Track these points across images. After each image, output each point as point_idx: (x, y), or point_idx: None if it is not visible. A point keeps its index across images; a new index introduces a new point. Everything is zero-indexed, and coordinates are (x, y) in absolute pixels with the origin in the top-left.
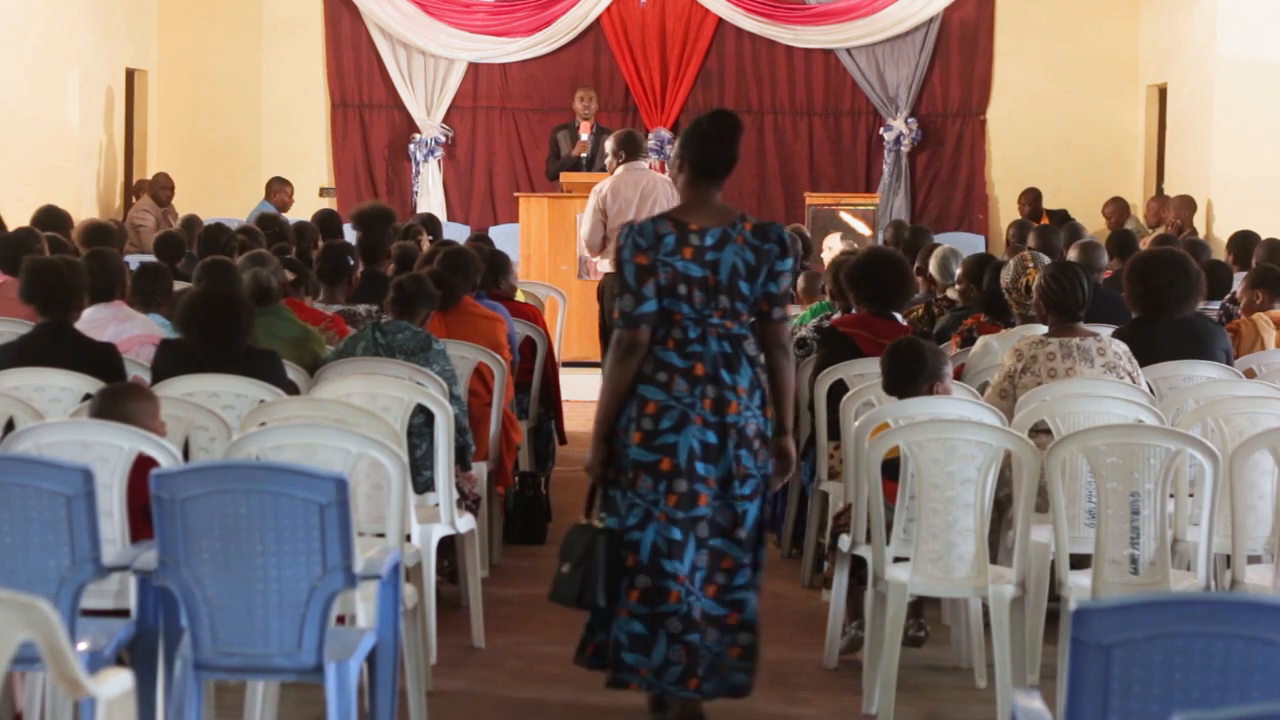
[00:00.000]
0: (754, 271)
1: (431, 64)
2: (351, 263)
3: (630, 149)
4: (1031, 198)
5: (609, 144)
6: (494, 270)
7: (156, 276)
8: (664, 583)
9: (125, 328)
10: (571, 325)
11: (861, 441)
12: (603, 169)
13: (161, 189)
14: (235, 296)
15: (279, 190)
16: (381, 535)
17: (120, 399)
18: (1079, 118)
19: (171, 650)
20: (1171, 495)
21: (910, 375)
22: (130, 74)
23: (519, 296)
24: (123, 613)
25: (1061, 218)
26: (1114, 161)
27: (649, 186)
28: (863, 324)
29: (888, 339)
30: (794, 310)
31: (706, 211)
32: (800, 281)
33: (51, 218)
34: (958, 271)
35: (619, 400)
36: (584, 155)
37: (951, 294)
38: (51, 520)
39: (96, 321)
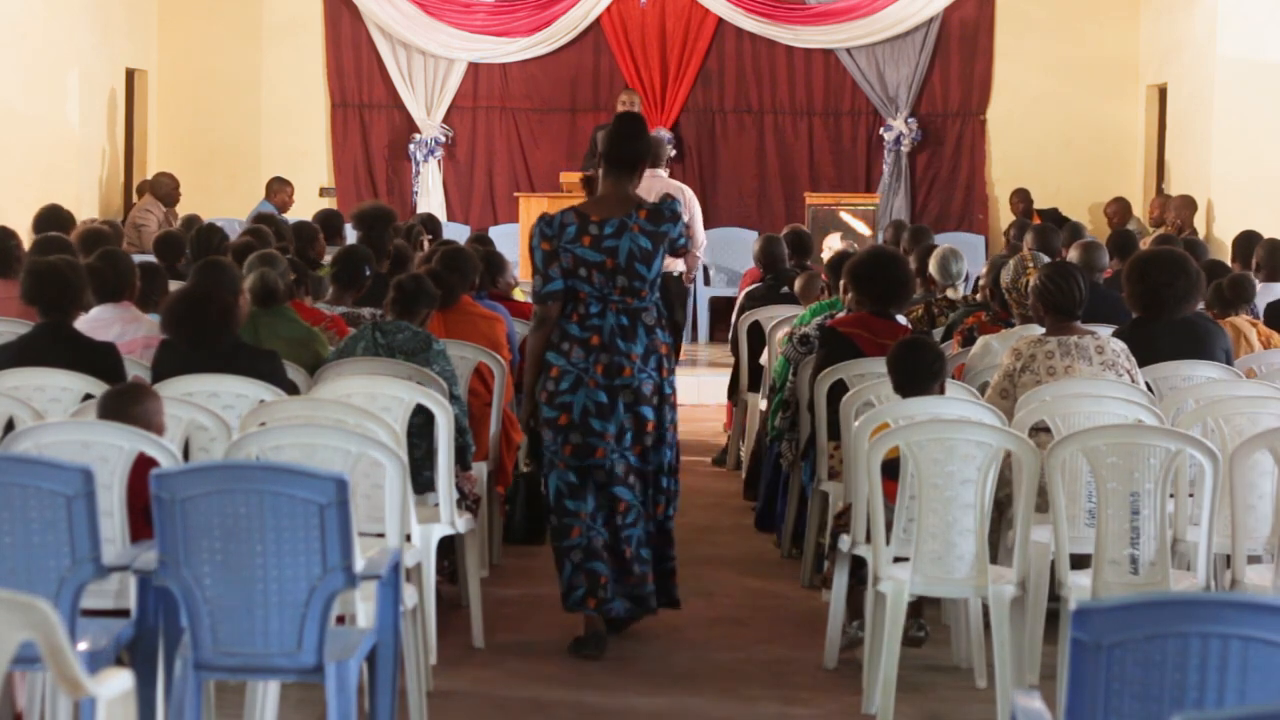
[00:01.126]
0: (650, 255)
1: (431, 64)
2: (368, 271)
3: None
4: (1023, 197)
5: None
6: (491, 270)
7: (153, 277)
8: (566, 520)
9: (131, 329)
10: None
11: (861, 441)
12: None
13: (172, 189)
14: (210, 295)
15: (279, 190)
16: (381, 535)
17: (127, 399)
18: (1079, 118)
19: (171, 650)
20: (1171, 495)
21: (933, 373)
22: (130, 74)
23: (518, 296)
24: (123, 613)
25: (1052, 216)
26: (1114, 161)
27: (660, 192)
28: (862, 324)
29: (887, 339)
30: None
31: (612, 203)
32: (799, 282)
33: (55, 218)
34: (981, 272)
35: (535, 363)
36: None
37: (952, 294)
38: (51, 520)
39: (103, 321)
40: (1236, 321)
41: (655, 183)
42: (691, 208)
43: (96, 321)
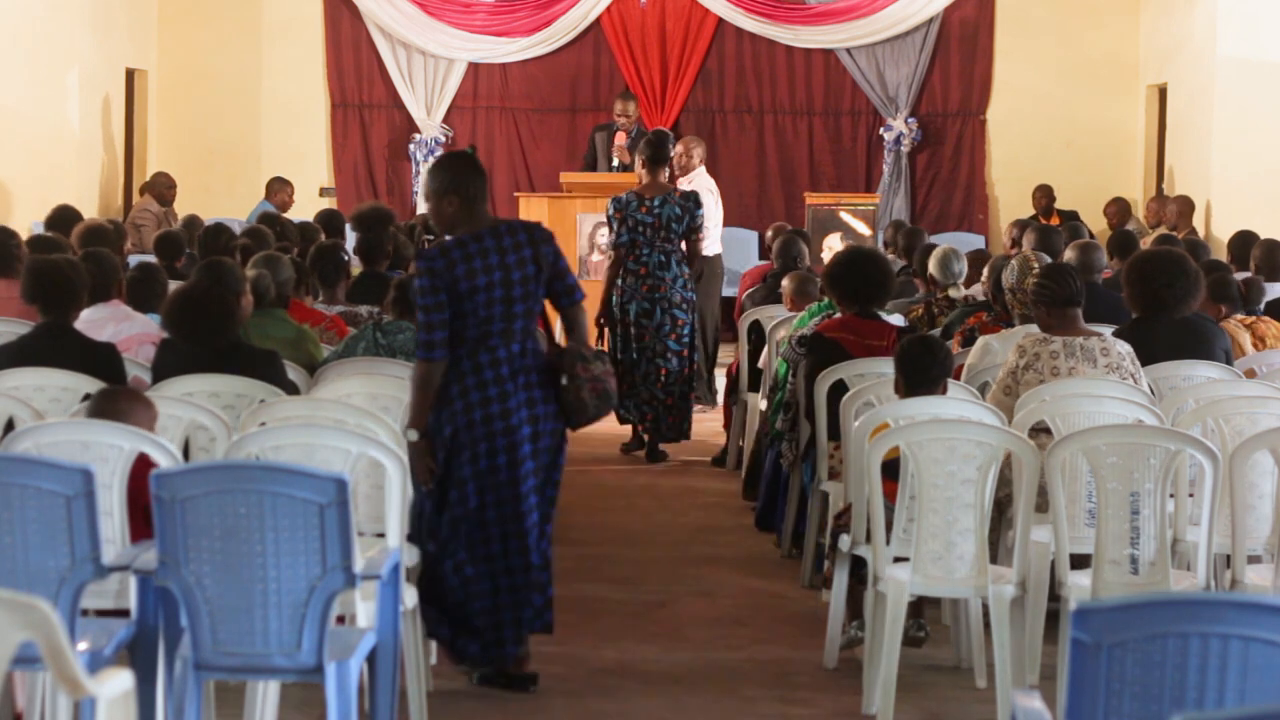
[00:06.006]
0: (680, 218)
1: (431, 64)
2: (345, 258)
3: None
4: (1045, 193)
5: (699, 150)
6: None
7: (152, 276)
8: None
9: (124, 327)
10: None
11: (861, 441)
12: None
13: (166, 189)
14: (212, 294)
15: (279, 190)
16: (381, 535)
17: (114, 401)
18: (1079, 118)
19: (171, 650)
20: (1171, 495)
21: (943, 370)
22: (130, 74)
23: None
24: (123, 613)
25: (1072, 219)
26: (1114, 161)
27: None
28: (847, 327)
29: (874, 339)
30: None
31: (656, 187)
32: (788, 283)
33: (63, 218)
34: (978, 272)
35: (609, 284)
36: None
37: (953, 294)
38: (51, 520)
39: (95, 321)
40: (1229, 325)
41: (699, 178)
42: (707, 203)
43: (89, 322)
